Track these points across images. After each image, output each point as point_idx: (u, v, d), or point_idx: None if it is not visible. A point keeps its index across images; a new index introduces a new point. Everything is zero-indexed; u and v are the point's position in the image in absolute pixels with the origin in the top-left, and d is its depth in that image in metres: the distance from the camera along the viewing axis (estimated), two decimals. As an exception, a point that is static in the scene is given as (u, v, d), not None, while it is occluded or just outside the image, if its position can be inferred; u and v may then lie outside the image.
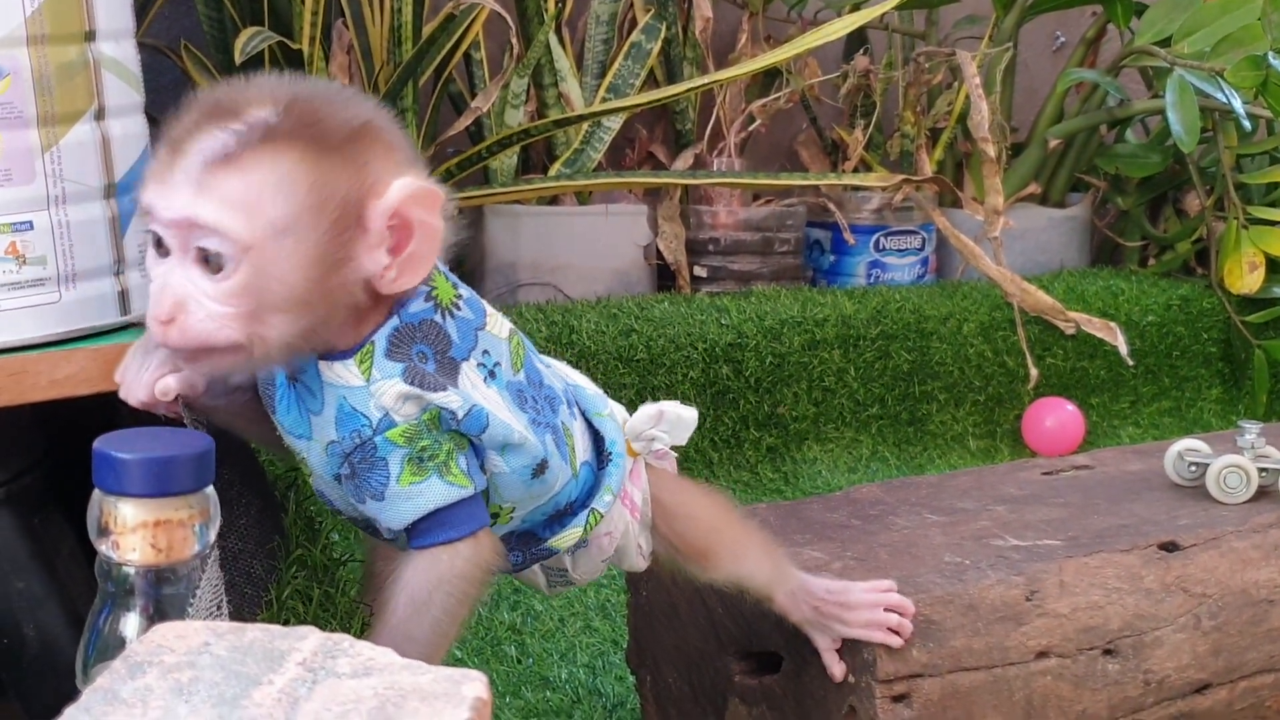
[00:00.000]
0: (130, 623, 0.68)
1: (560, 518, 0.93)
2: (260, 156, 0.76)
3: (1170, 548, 1.17)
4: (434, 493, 0.81)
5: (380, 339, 0.81)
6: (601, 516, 0.93)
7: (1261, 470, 1.26)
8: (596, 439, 0.95)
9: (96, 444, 0.66)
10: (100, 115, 1.02)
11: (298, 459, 0.87)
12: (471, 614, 0.84)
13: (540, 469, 0.88)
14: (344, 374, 0.81)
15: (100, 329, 1.02)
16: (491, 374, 0.85)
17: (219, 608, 0.72)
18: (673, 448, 1.03)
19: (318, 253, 0.77)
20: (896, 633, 1.03)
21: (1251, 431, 1.28)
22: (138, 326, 1.05)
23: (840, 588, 1.04)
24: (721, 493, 1.07)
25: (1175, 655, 1.15)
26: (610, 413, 0.97)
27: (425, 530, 0.82)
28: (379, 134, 0.80)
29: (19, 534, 0.66)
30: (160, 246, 0.78)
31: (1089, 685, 1.11)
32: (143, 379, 0.83)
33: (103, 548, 0.66)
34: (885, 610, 1.03)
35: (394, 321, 0.82)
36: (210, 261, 0.76)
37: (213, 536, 0.69)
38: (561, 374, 0.96)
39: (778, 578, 1.05)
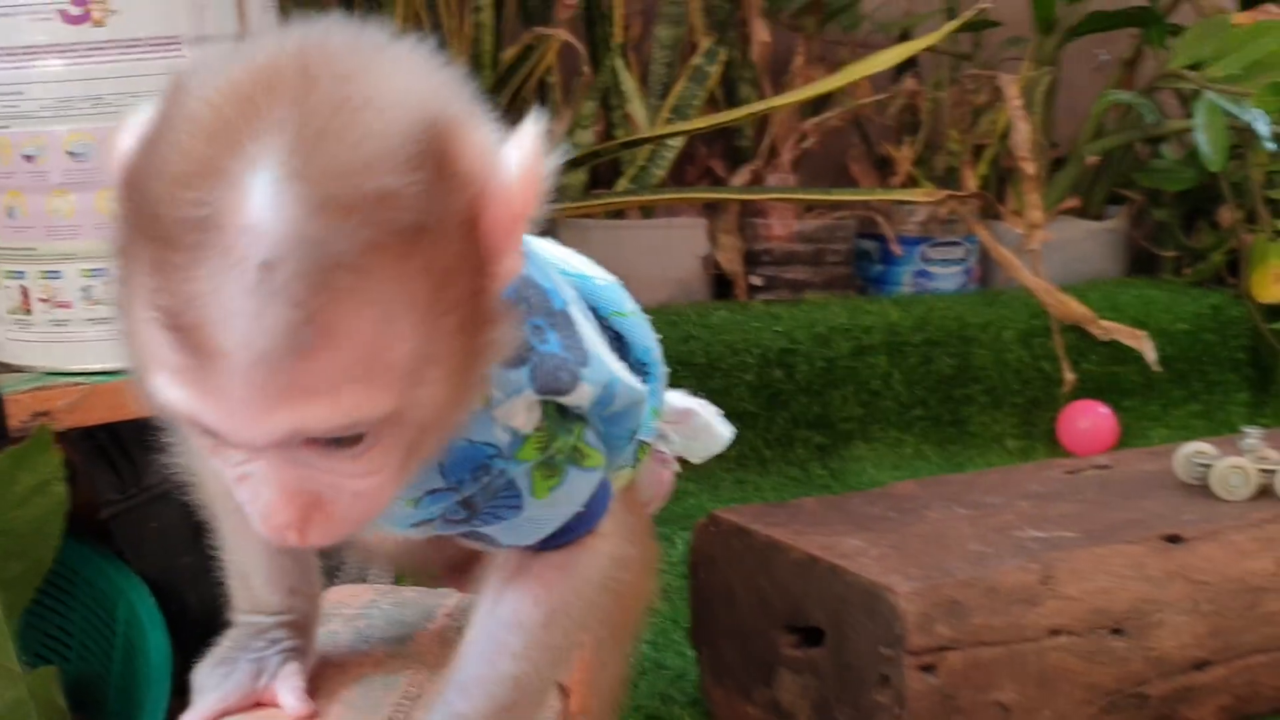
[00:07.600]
0: None
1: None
2: (349, 304, 0.51)
3: (1174, 539, 1.31)
4: (575, 489, 0.67)
5: None
6: (649, 448, 0.78)
7: (1262, 471, 1.40)
8: (615, 343, 0.74)
9: None
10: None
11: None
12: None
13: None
14: None
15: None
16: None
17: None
18: (685, 464, 0.87)
19: (461, 344, 0.55)
20: None
21: (1253, 436, 1.42)
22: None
23: None
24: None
25: (1176, 635, 1.29)
26: (634, 310, 0.78)
27: (563, 530, 0.68)
28: (446, 130, 0.54)
29: (184, 517, 0.80)
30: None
31: (1097, 660, 1.25)
32: None
33: None
34: None
35: None
36: (341, 442, 0.54)
37: None
38: (554, 260, 0.74)
39: None
